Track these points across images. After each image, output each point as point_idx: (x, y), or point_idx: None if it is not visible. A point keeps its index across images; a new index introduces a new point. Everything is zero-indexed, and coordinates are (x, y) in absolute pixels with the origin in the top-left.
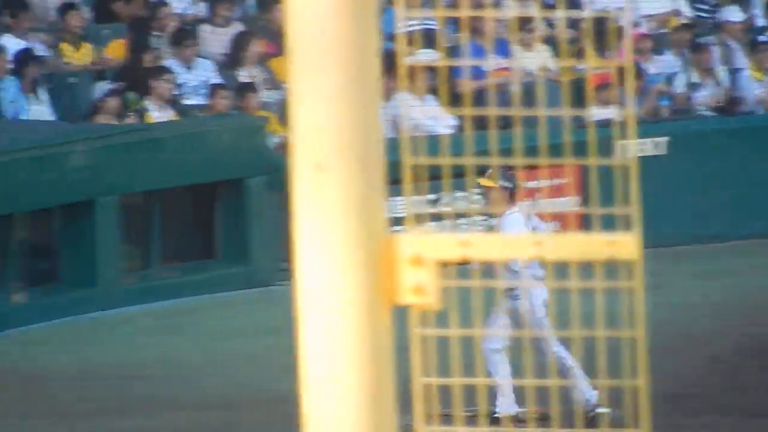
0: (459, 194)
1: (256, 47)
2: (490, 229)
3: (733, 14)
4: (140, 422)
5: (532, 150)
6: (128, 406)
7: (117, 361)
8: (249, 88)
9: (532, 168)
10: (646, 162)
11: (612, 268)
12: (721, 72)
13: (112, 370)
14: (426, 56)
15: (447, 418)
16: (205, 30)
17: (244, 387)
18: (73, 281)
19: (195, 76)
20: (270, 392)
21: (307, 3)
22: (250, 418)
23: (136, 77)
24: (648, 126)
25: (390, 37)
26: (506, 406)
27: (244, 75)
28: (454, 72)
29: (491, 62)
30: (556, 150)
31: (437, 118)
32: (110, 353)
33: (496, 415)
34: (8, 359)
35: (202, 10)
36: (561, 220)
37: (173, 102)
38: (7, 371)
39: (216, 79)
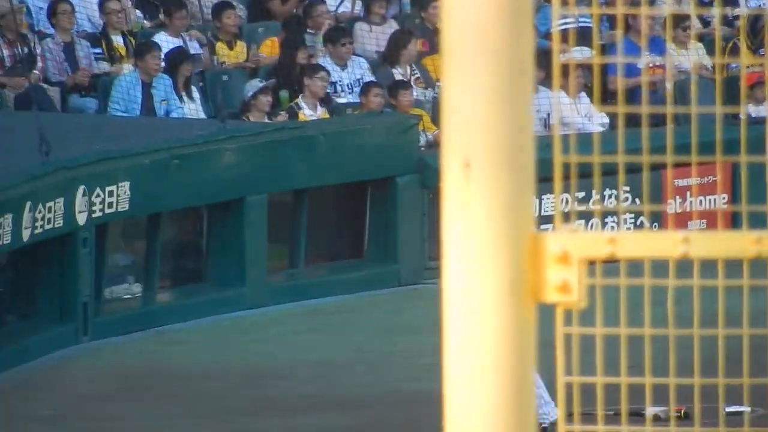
0: (609, 192)
1: (413, 45)
2: None
3: None
4: (285, 421)
5: (683, 147)
6: (273, 406)
7: (263, 361)
8: (402, 86)
9: (682, 166)
10: None
11: (759, 266)
12: None
13: (258, 369)
14: (580, 54)
15: (589, 417)
16: (361, 28)
17: (392, 386)
18: (220, 280)
19: (349, 75)
20: (417, 391)
21: (462, 1)
22: (397, 417)
23: (289, 75)
24: None
25: (545, 34)
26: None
27: (398, 73)
28: (607, 69)
29: (645, 60)
30: (707, 147)
31: (590, 116)
32: (256, 352)
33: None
34: (154, 358)
35: (357, 8)
36: (710, 218)
37: (326, 100)
38: (153, 370)
39: (369, 77)
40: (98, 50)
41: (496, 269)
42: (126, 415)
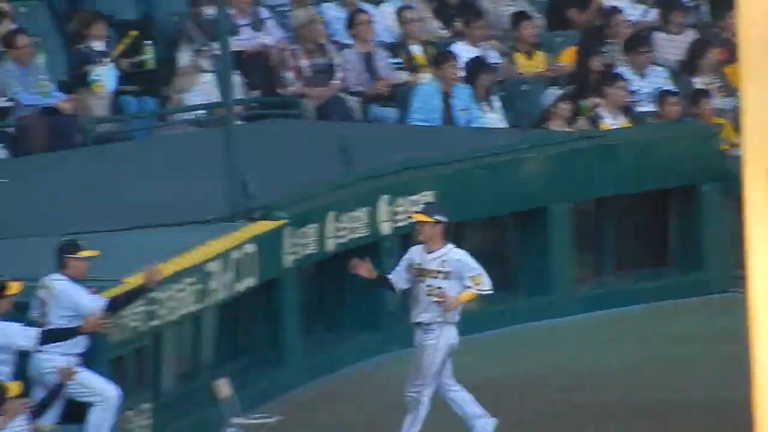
0: None
1: (712, 54)
2: (421, 264)
3: None
4: (597, 427)
5: None
6: (570, 414)
7: (567, 368)
8: (703, 94)
9: None
10: None
11: None
12: None
13: (559, 377)
14: None
15: None
16: (659, 37)
17: (701, 394)
18: (527, 288)
19: (648, 84)
20: (727, 399)
21: (759, 10)
22: (706, 426)
23: (588, 84)
24: None
25: None
26: None
27: (698, 82)
28: None
29: None
30: None
31: None
32: (562, 360)
33: None
34: (466, 366)
35: (655, 17)
36: None
37: (627, 109)
38: (466, 378)
39: (668, 86)
40: (397, 60)
41: None
42: (434, 422)
